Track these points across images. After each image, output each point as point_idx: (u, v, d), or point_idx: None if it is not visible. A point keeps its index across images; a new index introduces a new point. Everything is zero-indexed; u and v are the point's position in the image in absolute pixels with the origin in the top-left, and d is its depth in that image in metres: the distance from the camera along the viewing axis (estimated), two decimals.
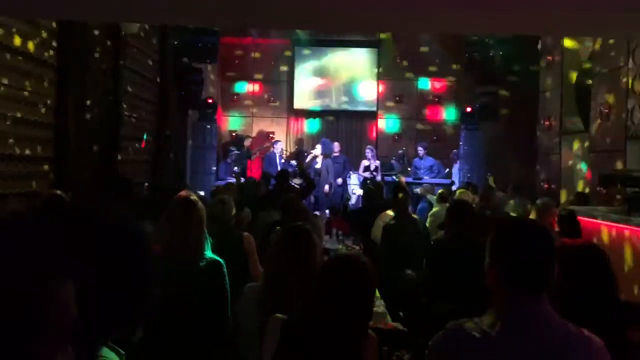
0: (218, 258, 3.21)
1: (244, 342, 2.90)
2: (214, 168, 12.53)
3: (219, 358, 3.16)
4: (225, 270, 3.19)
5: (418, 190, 10.48)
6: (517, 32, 8.30)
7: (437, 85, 14.60)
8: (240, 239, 4.25)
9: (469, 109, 12.47)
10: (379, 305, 4.65)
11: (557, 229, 5.41)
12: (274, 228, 5.01)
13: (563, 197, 8.26)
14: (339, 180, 12.69)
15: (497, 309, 1.77)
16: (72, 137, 6.42)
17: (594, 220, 5.99)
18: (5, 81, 5.34)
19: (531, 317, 1.74)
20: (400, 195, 5.96)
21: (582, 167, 9.13)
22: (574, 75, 9.64)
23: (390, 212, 5.99)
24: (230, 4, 3.80)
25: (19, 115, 5.57)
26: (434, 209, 7.86)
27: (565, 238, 4.88)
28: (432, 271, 4.66)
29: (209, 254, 3.19)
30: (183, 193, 3.40)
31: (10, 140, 5.44)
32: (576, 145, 9.50)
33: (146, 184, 8.47)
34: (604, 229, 5.76)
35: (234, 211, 4.60)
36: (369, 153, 13.00)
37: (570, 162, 9.67)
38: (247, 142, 13.75)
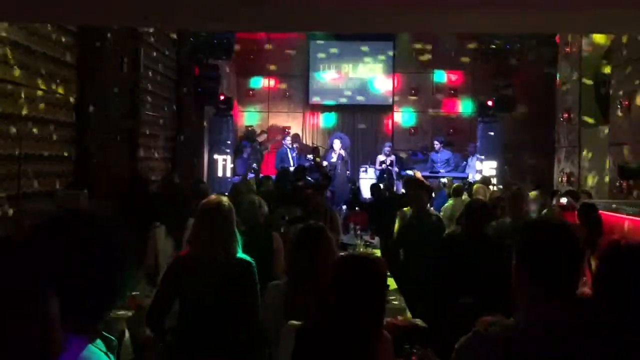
0: (248, 258, 3.27)
1: (270, 337, 2.96)
2: (231, 165, 12.59)
3: (249, 354, 3.21)
4: (255, 269, 3.25)
5: (436, 183, 10.47)
6: (533, 31, 8.24)
7: (453, 77, 14.54)
8: (270, 238, 4.30)
9: (490, 102, 12.33)
10: (399, 300, 4.68)
11: (578, 221, 5.39)
12: (295, 224, 5.08)
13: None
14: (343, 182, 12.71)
15: (522, 310, 1.78)
16: (93, 136, 6.50)
17: (613, 214, 5.96)
18: (27, 82, 5.42)
19: (556, 317, 1.75)
20: (417, 192, 5.95)
21: (602, 160, 9.06)
22: (592, 67, 9.55)
23: (406, 209, 5.98)
24: (245, 10, 3.83)
25: (41, 115, 5.65)
26: (448, 203, 7.85)
27: (588, 233, 4.88)
28: (445, 265, 4.68)
29: (240, 254, 3.26)
30: (213, 196, 3.49)
31: (33, 141, 5.52)
32: (594, 138, 9.42)
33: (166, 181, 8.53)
34: (624, 222, 5.73)
35: (265, 210, 4.68)
36: (387, 149, 13.00)
37: (590, 155, 9.59)
38: (261, 138, 13.79)
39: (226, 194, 5.65)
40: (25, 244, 1.36)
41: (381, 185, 10.32)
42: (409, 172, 12.02)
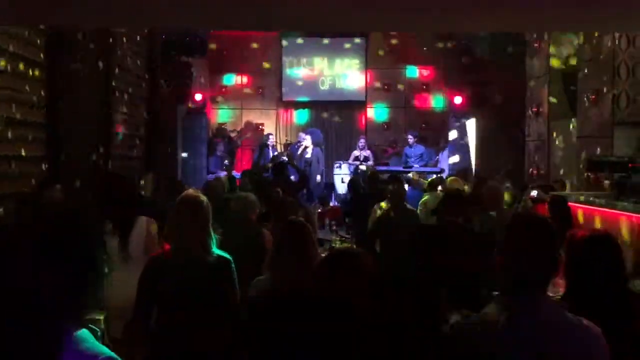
0: (225, 254, 3.29)
1: None
2: (205, 162, 12.55)
3: (230, 350, 3.22)
4: (233, 266, 3.27)
5: (409, 177, 10.58)
6: (508, 30, 8.36)
7: (425, 73, 14.67)
8: (260, 235, 4.31)
9: (459, 99, 12.52)
10: None
11: (548, 214, 5.51)
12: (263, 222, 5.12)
13: (568, 185, 8.39)
14: (318, 177, 12.73)
15: (500, 300, 1.84)
16: (65, 136, 6.44)
17: (582, 206, 6.10)
18: None
19: (534, 307, 1.81)
20: (395, 186, 6.02)
21: (570, 153, 9.26)
22: (560, 62, 9.73)
23: (384, 204, 6.05)
24: (225, 10, 3.84)
25: (13, 116, 5.58)
26: (425, 197, 7.94)
27: (558, 225, 5.00)
28: (421, 255, 4.74)
29: (216, 250, 3.27)
30: (190, 191, 3.48)
31: (6, 141, 5.45)
32: (564, 132, 9.61)
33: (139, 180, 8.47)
34: (593, 213, 5.88)
35: (257, 207, 4.68)
36: (361, 143, 13.08)
37: (559, 149, 9.78)
38: (232, 135, 13.77)
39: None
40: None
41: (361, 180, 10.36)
42: (362, 168, 12.12)
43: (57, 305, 1.39)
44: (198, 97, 11.92)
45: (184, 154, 12.19)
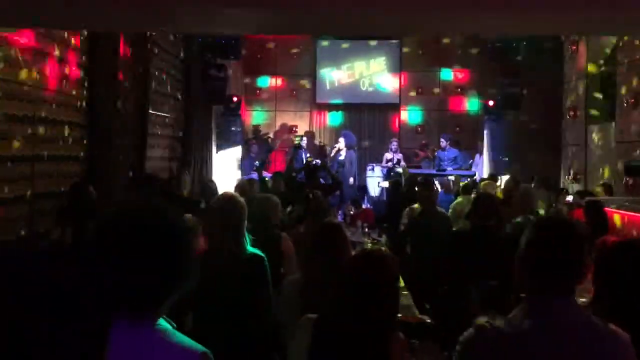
0: (260, 252, 3.35)
1: (284, 332, 3.03)
2: (239, 164, 12.68)
3: (262, 348, 3.28)
4: (266, 263, 3.33)
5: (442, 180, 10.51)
6: (544, 33, 8.26)
7: (460, 75, 14.56)
8: (279, 239, 4.35)
9: (491, 103, 12.41)
10: (407, 298, 4.74)
11: (584, 220, 5.43)
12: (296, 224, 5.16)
13: (597, 189, 8.19)
14: (350, 180, 12.72)
15: (525, 304, 1.84)
16: (103, 137, 6.60)
17: (620, 211, 5.99)
18: (39, 84, 5.51)
19: (560, 311, 1.80)
20: (425, 190, 6.02)
21: (608, 157, 9.08)
22: (598, 65, 9.56)
23: (416, 206, 6.05)
24: (253, 16, 3.90)
25: (53, 117, 5.75)
26: (457, 200, 7.89)
27: (593, 230, 4.93)
28: (454, 260, 4.75)
29: (250, 248, 3.34)
30: (227, 192, 3.57)
31: (45, 142, 5.62)
32: (601, 136, 9.44)
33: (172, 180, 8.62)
34: (631, 219, 5.76)
35: (279, 210, 4.71)
36: (393, 146, 13.05)
37: (596, 153, 9.61)
38: (266, 137, 13.88)
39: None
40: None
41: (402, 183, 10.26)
42: (399, 171, 12.08)
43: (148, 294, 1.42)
44: (233, 99, 12.05)
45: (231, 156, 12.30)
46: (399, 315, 3.92)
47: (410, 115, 14.77)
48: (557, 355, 1.77)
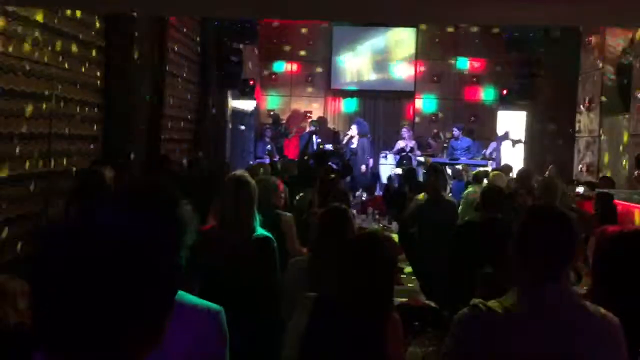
0: (268, 234, 3.42)
1: (289, 310, 3.11)
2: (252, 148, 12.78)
3: (269, 329, 3.35)
4: (274, 244, 3.40)
5: (450, 171, 10.53)
6: (561, 24, 8.22)
7: (476, 65, 14.50)
8: (277, 219, 4.42)
9: (505, 91, 12.38)
10: (414, 283, 4.81)
11: (593, 211, 5.45)
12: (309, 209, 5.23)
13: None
14: (363, 167, 12.75)
15: (519, 289, 1.89)
16: (119, 117, 6.70)
17: (630, 204, 5.99)
18: (57, 64, 5.61)
19: (552, 296, 1.85)
20: (431, 177, 6.07)
21: (622, 150, 9.05)
22: (614, 57, 9.50)
23: (421, 196, 6.10)
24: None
25: (70, 96, 5.85)
26: (468, 189, 7.90)
27: (602, 221, 4.96)
28: (460, 251, 4.80)
29: (259, 230, 3.40)
30: (238, 172, 3.63)
31: (62, 120, 5.73)
32: (616, 128, 9.39)
33: (184, 161, 8.73)
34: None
35: (281, 193, 4.78)
36: (405, 133, 13.03)
37: (610, 145, 9.57)
38: (281, 122, 13.95)
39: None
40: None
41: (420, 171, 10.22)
42: (421, 159, 12.09)
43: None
44: (248, 82, 12.12)
45: (242, 127, 12.40)
46: (405, 299, 4.02)
47: (425, 103, 14.75)
48: (548, 338, 1.82)
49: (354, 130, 12.88)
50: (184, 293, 1.49)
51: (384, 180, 13.03)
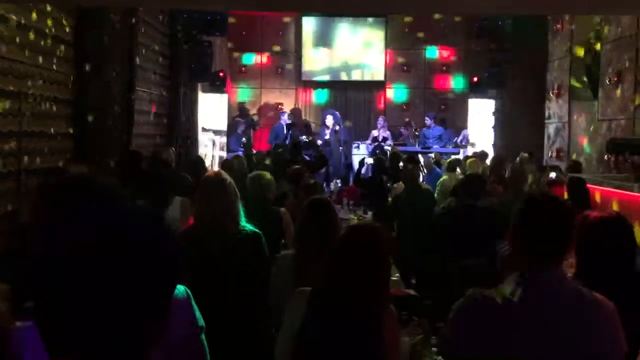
0: (256, 229, 3.35)
1: (278, 305, 3.08)
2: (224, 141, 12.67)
3: (256, 319, 3.32)
4: (263, 240, 3.34)
5: (429, 158, 10.60)
6: (531, 13, 8.29)
7: (445, 54, 14.60)
8: (277, 215, 4.37)
9: (475, 79, 12.52)
10: (393, 274, 4.84)
11: (566, 196, 5.54)
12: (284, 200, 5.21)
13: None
14: (337, 158, 12.80)
15: (516, 275, 1.91)
16: (90, 114, 6.57)
17: (602, 188, 6.10)
18: (26, 60, 5.47)
19: (550, 282, 1.88)
20: (409, 166, 6.11)
21: (591, 135, 9.22)
22: (582, 43, 9.65)
23: (400, 184, 6.14)
24: None
25: (40, 93, 5.72)
26: (443, 178, 7.99)
27: (575, 205, 5.05)
28: (441, 237, 4.85)
29: (248, 226, 3.34)
30: (214, 170, 3.57)
31: (33, 118, 5.59)
32: (585, 113, 9.56)
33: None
34: (611, 196, 5.88)
35: (273, 187, 4.72)
36: (380, 122, 13.08)
37: (580, 130, 9.74)
38: (252, 115, 13.87)
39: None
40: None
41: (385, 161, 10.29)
42: (387, 148, 12.16)
43: None
44: (218, 75, 11.99)
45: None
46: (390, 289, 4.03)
47: (395, 93, 14.81)
48: (546, 323, 1.84)
49: (329, 120, 12.88)
50: None
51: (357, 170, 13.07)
